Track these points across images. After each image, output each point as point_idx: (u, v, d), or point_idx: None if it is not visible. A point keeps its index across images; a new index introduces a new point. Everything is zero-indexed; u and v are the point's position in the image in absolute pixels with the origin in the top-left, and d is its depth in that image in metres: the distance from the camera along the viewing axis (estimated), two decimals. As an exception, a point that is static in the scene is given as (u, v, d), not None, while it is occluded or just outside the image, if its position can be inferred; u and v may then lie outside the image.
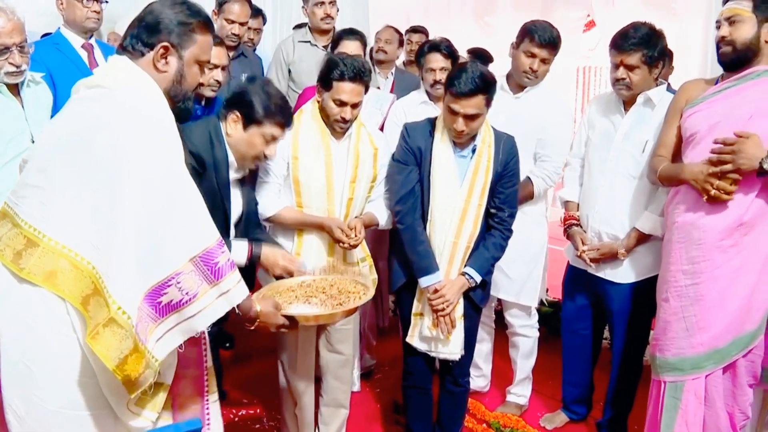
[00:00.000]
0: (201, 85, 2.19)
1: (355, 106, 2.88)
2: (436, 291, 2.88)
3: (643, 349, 3.38)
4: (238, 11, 3.97)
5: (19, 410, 1.88)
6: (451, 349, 2.97)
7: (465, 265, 2.93)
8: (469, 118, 2.75)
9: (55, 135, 1.90)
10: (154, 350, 1.81)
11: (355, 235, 2.91)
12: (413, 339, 3.02)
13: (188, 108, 2.08)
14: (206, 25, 2.03)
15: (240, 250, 2.59)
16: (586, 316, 3.47)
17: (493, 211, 2.94)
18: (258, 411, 3.78)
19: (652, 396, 2.95)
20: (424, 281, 2.91)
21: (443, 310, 2.88)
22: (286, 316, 2.24)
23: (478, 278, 2.92)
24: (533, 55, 3.31)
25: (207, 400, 2.23)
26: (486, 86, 2.73)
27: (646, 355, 3.48)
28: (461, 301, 2.96)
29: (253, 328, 2.16)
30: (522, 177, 3.34)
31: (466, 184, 2.87)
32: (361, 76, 2.85)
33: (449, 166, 2.88)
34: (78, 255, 1.78)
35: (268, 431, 3.61)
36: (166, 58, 1.97)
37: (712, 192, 2.57)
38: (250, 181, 2.83)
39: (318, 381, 3.21)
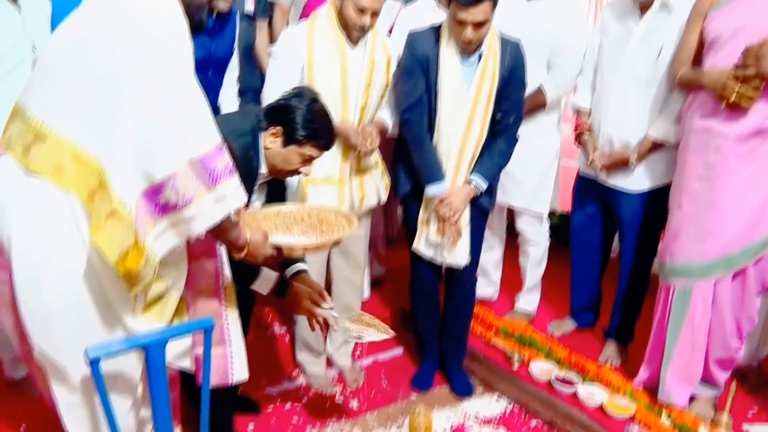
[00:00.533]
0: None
1: (375, 14, 2.82)
2: (442, 201, 2.89)
3: (651, 259, 3.39)
4: None
5: (30, 308, 1.91)
6: (457, 255, 3.00)
7: (471, 173, 2.92)
8: (477, 26, 2.69)
9: (66, 33, 1.89)
10: (153, 247, 1.82)
11: (372, 140, 2.89)
12: (419, 246, 3.04)
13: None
14: None
15: (266, 281, 2.51)
16: (595, 224, 3.47)
17: (498, 117, 2.91)
18: (270, 318, 3.84)
19: (659, 302, 2.99)
20: (430, 190, 2.91)
21: (450, 218, 2.89)
22: (273, 247, 2.17)
23: (484, 185, 2.93)
24: None
25: (226, 317, 2.24)
26: None
27: (655, 265, 3.51)
28: (467, 207, 2.96)
29: (239, 257, 2.08)
30: (535, 86, 3.31)
31: (472, 91, 2.84)
32: None
33: (456, 74, 2.84)
34: (85, 149, 1.79)
35: (280, 337, 3.68)
36: None
37: (732, 98, 2.53)
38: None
39: (328, 287, 3.24)
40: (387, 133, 3.11)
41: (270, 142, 2.45)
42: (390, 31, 3.69)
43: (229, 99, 3.41)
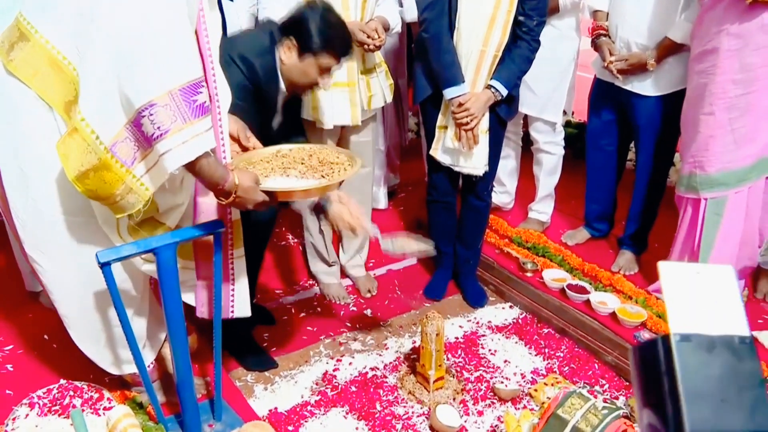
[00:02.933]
0: None
1: None
2: (460, 105, 2.83)
3: (668, 166, 3.35)
4: None
5: (21, 216, 1.93)
6: (475, 163, 2.97)
7: (491, 78, 2.85)
8: None
9: None
10: (143, 178, 1.79)
11: (378, 36, 2.83)
12: (437, 152, 3.01)
13: None
14: None
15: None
16: (611, 131, 3.41)
17: (521, 19, 2.79)
18: (283, 229, 3.86)
19: (685, 215, 2.93)
20: (448, 93, 2.85)
21: (467, 124, 2.84)
22: (266, 192, 1.98)
23: (504, 91, 2.85)
24: None
25: (232, 254, 2.22)
26: None
27: (671, 175, 3.46)
28: (486, 115, 2.90)
29: (227, 203, 1.90)
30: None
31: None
32: None
33: None
34: (65, 58, 1.78)
35: (294, 247, 3.70)
36: None
37: None
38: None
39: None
40: (390, 29, 3.03)
41: (285, 56, 2.39)
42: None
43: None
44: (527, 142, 3.82)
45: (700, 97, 2.76)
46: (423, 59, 2.94)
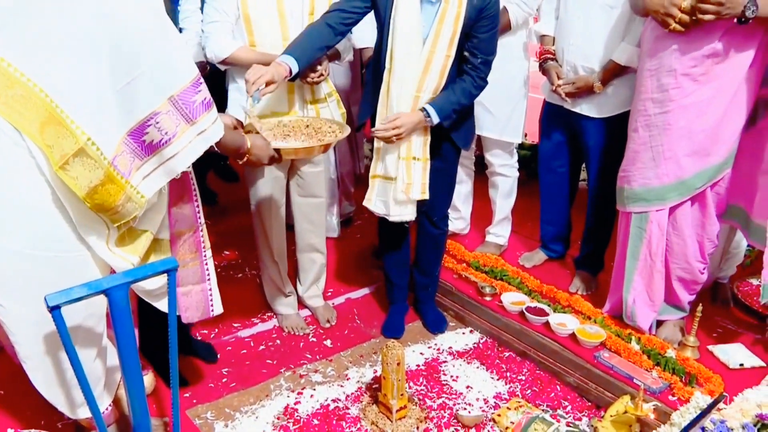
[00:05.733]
0: None
1: None
2: (391, 121, 2.72)
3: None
4: None
5: None
6: (408, 211, 2.90)
7: (427, 102, 2.75)
8: None
9: None
10: (140, 186, 1.88)
11: (321, 70, 2.81)
12: (370, 202, 2.94)
13: None
14: None
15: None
16: (562, 153, 3.46)
17: (466, 54, 2.75)
18: (240, 261, 3.82)
19: (621, 228, 3.02)
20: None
21: (389, 138, 2.74)
22: (275, 150, 2.33)
23: (436, 119, 2.73)
24: None
25: (204, 255, 2.34)
26: None
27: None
28: (420, 140, 2.81)
29: (243, 162, 2.25)
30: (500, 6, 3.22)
31: (431, 35, 2.68)
32: None
33: (412, 17, 2.66)
34: (30, 80, 1.73)
35: (250, 279, 3.66)
36: None
37: (672, 26, 2.52)
38: None
39: (291, 226, 3.23)
40: (340, 58, 3.04)
41: None
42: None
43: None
44: (480, 165, 3.84)
45: (632, 112, 2.88)
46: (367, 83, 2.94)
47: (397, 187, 2.83)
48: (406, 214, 2.90)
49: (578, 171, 3.58)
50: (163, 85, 1.80)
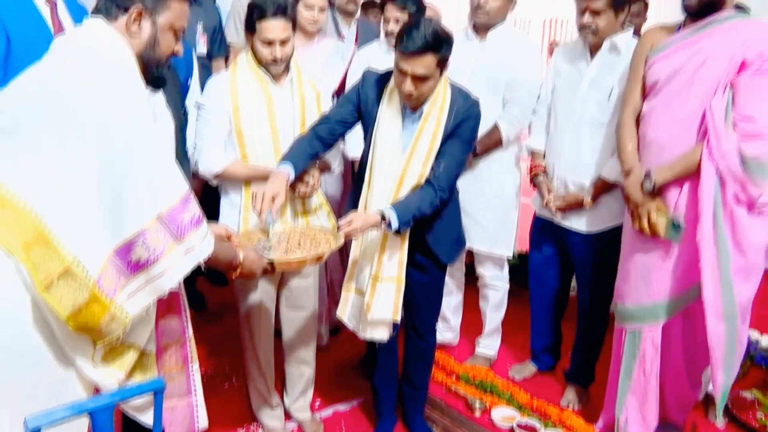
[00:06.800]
0: (174, 53, 2.12)
1: (284, 42, 2.75)
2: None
3: (609, 299, 3.38)
4: None
5: None
6: (379, 331, 2.83)
7: (389, 205, 2.63)
8: (418, 79, 2.51)
9: (23, 81, 1.87)
10: (125, 305, 1.82)
11: (313, 182, 2.84)
12: (344, 314, 2.90)
13: (162, 75, 2.05)
14: None
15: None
16: (552, 265, 3.47)
17: (432, 164, 2.71)
18: (226, 369, 3.75)
19: (615, 344, 2.99)
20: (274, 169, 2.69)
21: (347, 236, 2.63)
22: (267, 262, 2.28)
23: (396, 224, 2.55)
24: None
25: (191, 369, 2.28)
26: (437, 45, 2.48)
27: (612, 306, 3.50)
28: (400, 260, 2.76)
29: (235, 275, 2.17)
30: (492, 123, 3.31)
31: (407, 151, 2.69)
32: (284, 11, 2.73)
33: (393, 133, 2.69)
34: (21, 200, 1.73)
35: (236, 389, 3.58)
36: (139, 22, 1.94)
37: (636, 226, 2.71)
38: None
39: (279, 336, 3.19)
40: (330, 170, 3.07)
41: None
42: (345, 76, 3.69)
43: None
44: (470, 275, 3.84)
45: (623, 232, 2.93)
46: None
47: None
48: (377, 333, 2.82)
49: (568, 282, 3.59)
50: (151, 203, 1.78)
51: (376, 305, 2.74)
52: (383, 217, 2.55)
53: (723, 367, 2.69)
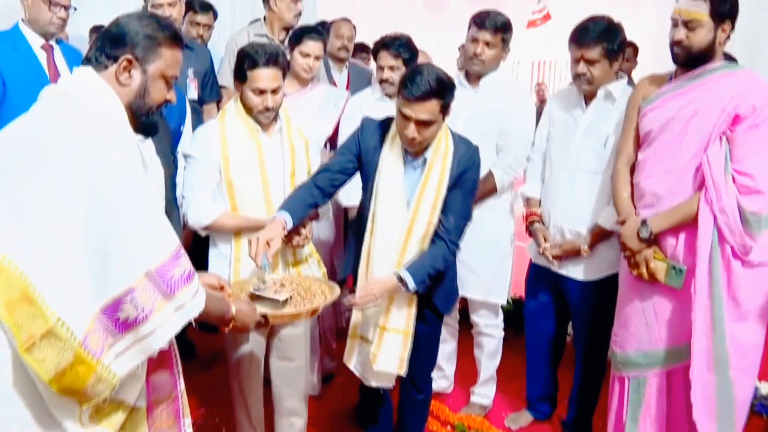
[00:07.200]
0: (168, 101, 2.09)
1: (275, 91, 2.74)
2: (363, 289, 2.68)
3: (606, 347, 3.31)
4: None
5: None
6: (386, 379, 2.82)
7: (402, 268, 2.67)
8: (422, 124, 2.53)
9: (9, 133, 1.83)
10: (112, 365, 1.73)
11: (305, 233, 2.81)
12: (350, 361, 2.86)
13: (153, 122, 1.98)
14: (174, 39, 1.95)
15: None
16: (548, 313, 3.43)
17: (440, 218, 2.72)
18: (216, 420, 3.67)
19: (615, 392, 2.95)
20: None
21: (359, 303, 2.66)
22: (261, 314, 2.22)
23: (412, 285, 2.62)
24: (476, 40, 3.27)
25: (183, 425, 2.19)
26: (441, 91, 2.52)
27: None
28: (408, 313, 2.76)
29: (229, 329, 2.11)
30: (486, 170, 3.28)
31: (414, 201, 2.68)
32: (275, 60, 2.72)
33: (396, 181, 2.69)
34: (5, 257, 1.67)
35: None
36: (129, 71, 1.89)
37: (635, 272, 2.71)
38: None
39: (268, 388, 3.12)
40: (318, 218, 3.04)
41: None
42: (338, 123, 3.68)
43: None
44: (465, 322, 3.79)
45: (621, 279, 2.91)
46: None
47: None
48: (384, 381, 2.80)
49: (565, 330, 3.54)
50: (139, 260, 1.70)
51: (381, 356, 2.73)
52: (400, 279, 2.62)
53: (716, 418, 2.65)
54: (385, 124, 2.77)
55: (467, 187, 2.73)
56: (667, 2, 4.85)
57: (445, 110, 2.59)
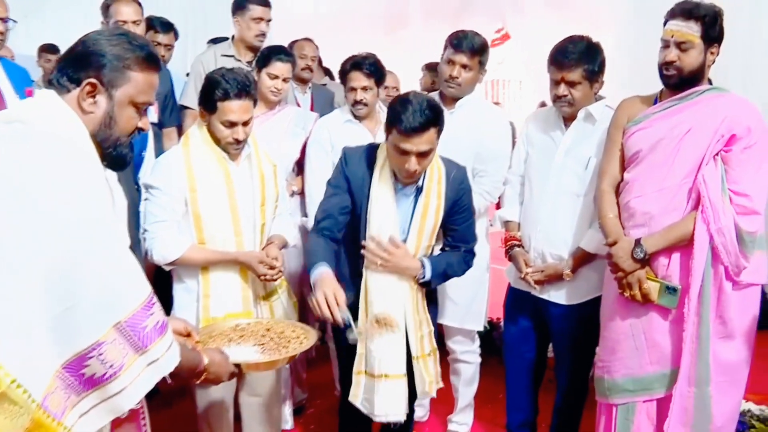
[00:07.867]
0: (140, 129, 1.82)
1: (246, 123, 2.65)
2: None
3: (587, 371, 3.29)
4: (127, 12, 3.58)
5: None
6: (396, 409, 2.68)
7: (426, 256, 2.67)
8: (422, 155, 2.46)
9: None
10: (76, 426, 1.55)
11: (278, 264, 2.72)
12: (357, 399, 2.71)
13: (122, 155, 1.77)
14: (147, 61, 1.75)
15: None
16: (529, 338, 3.34)
17: (447, 249, 2.74)
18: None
19: (601, 420, 2.88)
20: (312, 275, 2.54)
21: (377, 263, 2.57)
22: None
23: (429, 275, 2.62)
24: (452, 62, 3.19)
25: None
26: (436, 117, 2.46)
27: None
28: (430, 331, 2.74)
29: (199, 381, 1.92)
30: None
31: (414, 230, 2.63)
32: (247, 90, 2.62)
33: (389, 212, 2.60)
34: None
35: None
36: (93, 96, 1.69)
37: (626, 294, 2.65)
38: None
39: (238, 423, 3.01)
40: (287, 246, 2.95)
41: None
42: (304, 145, 3.57)
43: None
44: (439, 347, 3.69)
45: (606, 303, 2.84)
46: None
47: (395, 385, 2.64)
48: (394, 413, 2.66)
49: (545, 354, 3.46)
50: (107, 310, 1.51)
51: (383, 403, 2.64)
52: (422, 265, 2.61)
53: (692, 429, 2.63)
54: (369, 152, 2.68)
55: (466, 213, 2.74)
56: (625, 24, 4.94)
57: (439, 135, 2.52)
